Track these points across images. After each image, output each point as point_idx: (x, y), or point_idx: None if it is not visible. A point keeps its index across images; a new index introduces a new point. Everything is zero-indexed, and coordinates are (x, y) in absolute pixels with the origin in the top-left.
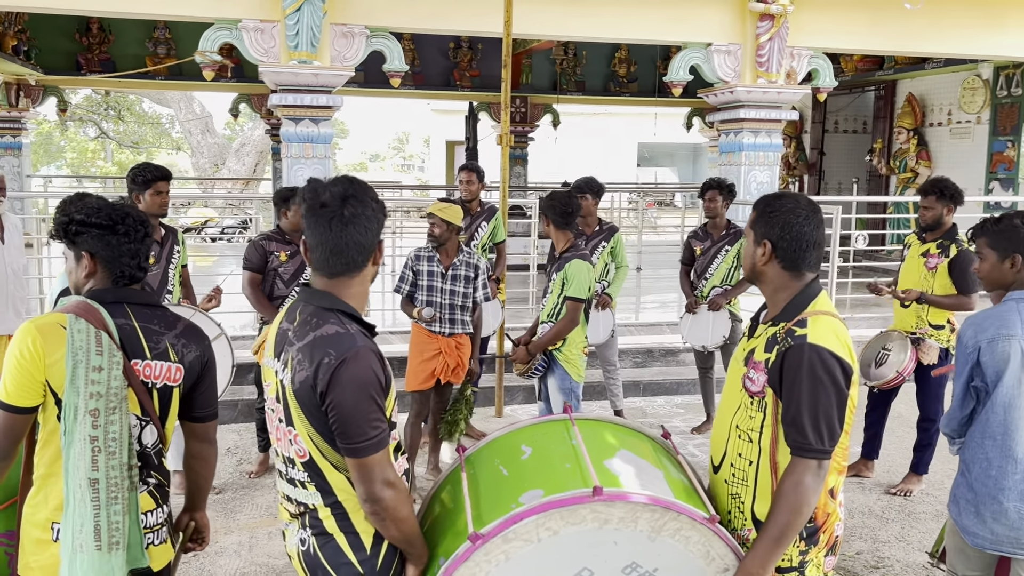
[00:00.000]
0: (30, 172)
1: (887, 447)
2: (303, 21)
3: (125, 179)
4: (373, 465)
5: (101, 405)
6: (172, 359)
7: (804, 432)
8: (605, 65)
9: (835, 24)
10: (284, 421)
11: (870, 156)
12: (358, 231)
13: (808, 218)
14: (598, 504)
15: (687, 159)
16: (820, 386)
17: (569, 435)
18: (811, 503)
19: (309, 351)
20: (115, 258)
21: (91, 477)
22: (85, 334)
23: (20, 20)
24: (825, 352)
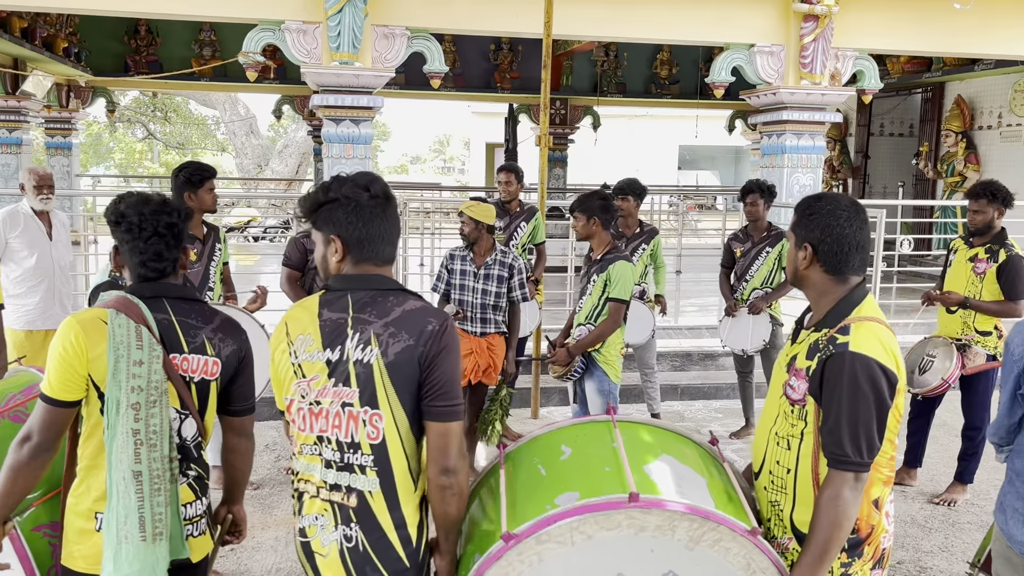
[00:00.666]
0: (79, 172)
1: (931, 455)
2: (345, 22)
3: (171, 179)
4: (455, 433)
5: (142, 399)
6: (209, 353)
7: (842, 444)
8: (646, 67)
9: (881, 25)
10: (360, 403)
11: (917, 159)
12: (393, 223)
13: (850, 219)
14: (634, 511)
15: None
16: (860, 396)
17: (610, 437)
18: (851, 516)
19: (404, 323)
20: (128, 253)
21: (134, 470)
22: (125, 329)
23: (71, 23)
24: (867, 360)
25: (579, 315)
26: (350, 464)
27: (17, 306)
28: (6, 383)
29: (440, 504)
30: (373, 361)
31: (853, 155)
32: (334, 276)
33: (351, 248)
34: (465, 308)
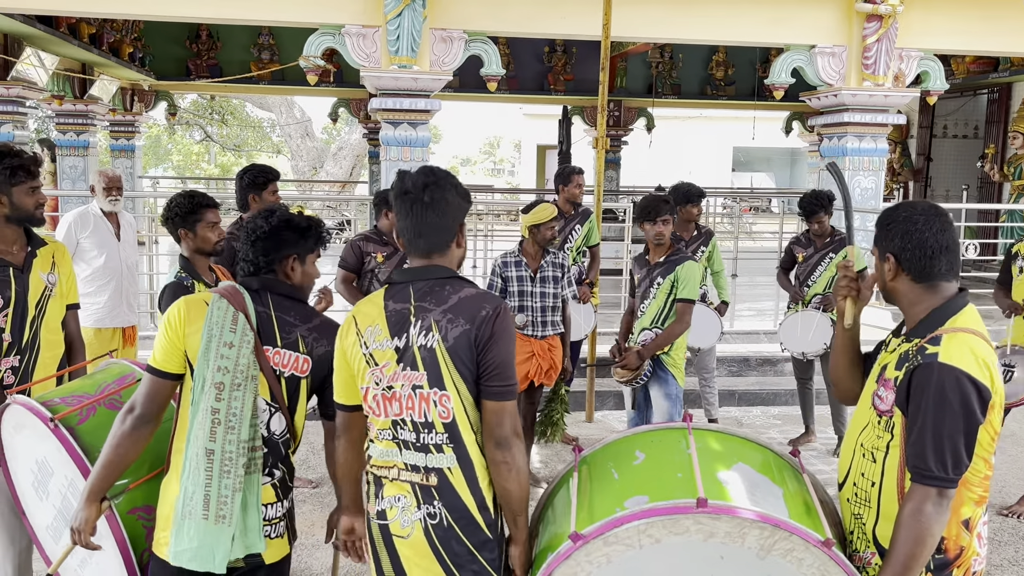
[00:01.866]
0: (141, 173)
1: (999, 467)
2: (404, 26)
3: (236, 181)
4: (510, 410)
5: (227, 380)
6: (301, 350)
7: (926, 458)
8: (702, 68)
9: (947, 24)
10: (428, 385)
11: (982, 162)
12: (437, 214)
13: (928, 223)
14: (702, 516)
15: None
16: (947, 410)
17: (685, 444)
18: (934, 532)
19: (461, 309)
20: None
21: (208, 448)
22: (224, 312)
23: (136, 28)
24: (957, 372)
25: (643, 319)
26: (426, 445)
27: (87, 304)
28: (102, 374)
29: (499, 479)
30: (435, 346)
31: (915, 157)
32: (395, 270)
33: (404, 242)
34: (526, 313)
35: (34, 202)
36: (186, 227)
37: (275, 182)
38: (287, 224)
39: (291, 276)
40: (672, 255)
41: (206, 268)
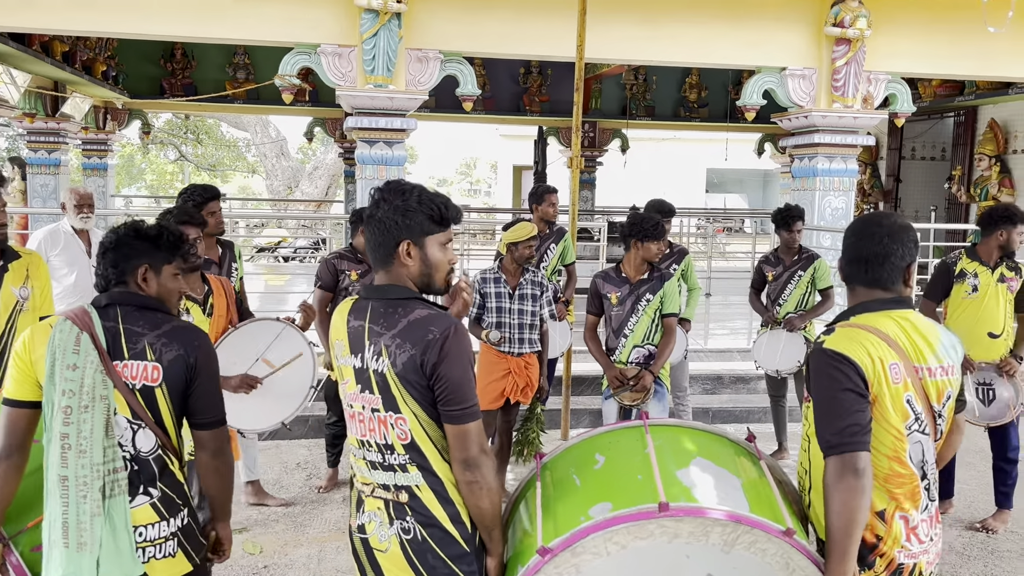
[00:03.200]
0: (113, 192)
1: (967, 481)
2: (379, 46)
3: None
4: (472, 431)
5: (73, 403)
6: (149, 358)
7: (822, 432)
8: (675, 90)
9: (914, 48)
10: (384, 408)
11: (949, 183)
12: (373, 230)
13: (853, 232)
14: (665, 520)
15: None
16: (827, 385)
17: (642, 444)
18: (849, 503)
19: (408, 334)
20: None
21: (60, 474)
22: (66, 334)
23: (110, 47)
24: (831, 352)
25: (632, 337)
26: (391, 464)
27: None
28: None
29: (470, 499)
30: (385, 371)
31: (884, 178)
32: (363, 286)
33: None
34: (503, 330)
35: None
36: None
37: (214, 201)
38: (136, 234)
39: (145, 288)
40: (657, 272)
41: (193, 281)
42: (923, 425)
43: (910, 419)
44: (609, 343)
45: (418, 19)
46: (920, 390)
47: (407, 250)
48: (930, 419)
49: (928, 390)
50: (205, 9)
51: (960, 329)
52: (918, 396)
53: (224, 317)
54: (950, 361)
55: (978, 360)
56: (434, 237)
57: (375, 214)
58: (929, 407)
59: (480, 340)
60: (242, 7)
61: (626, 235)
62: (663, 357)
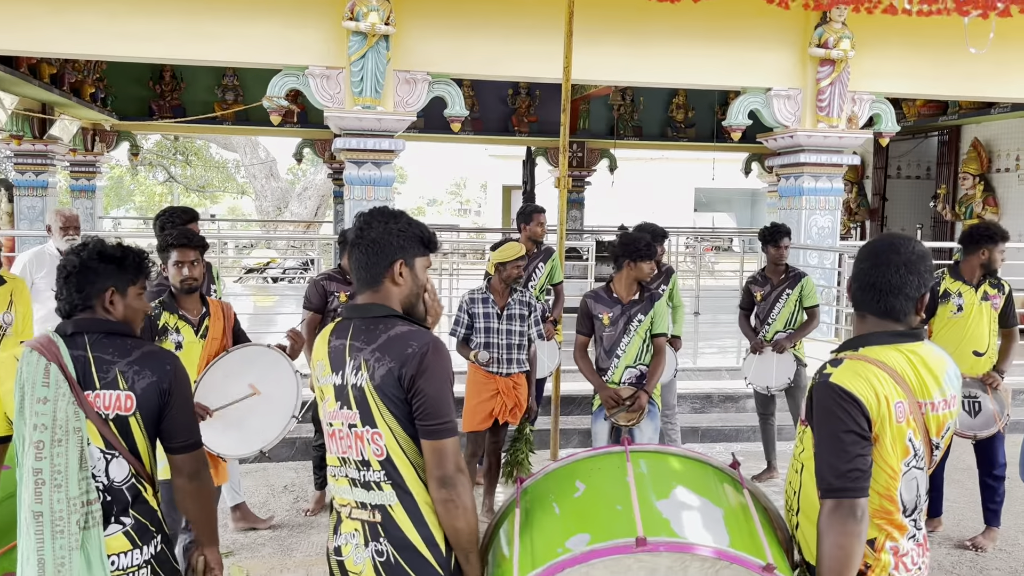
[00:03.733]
0: (101, 214)
1: (955, 499)
2: (367, 68)
3: (153, 226)
4: (449, 448)
5: (46, 437)
6: (121, 387)
7: (822, 472)
8: (662, 111)
9: (897, 69)
10: (361, 423)
11: (934, 202)
12: (363, 251)
13: (869, 257)
14: (642, 554)
15: (744, 204)
16: (830, 423)
17: (623, 471)
18: (843, 544)
19: (388, 348)
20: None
21: (34, 510)
22: (34, 366)
23: (99, 69)
24: (837, 389)
25: (625, 357)
26: (368, 481)
27: None
28: None
29: (446, 518)
30: (364, 384)
31: (870, 197)
32: (344, 306)
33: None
34: (491, 350)
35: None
36: (163, 262)
37: (193, 223)
38: (100, 255)
39: (111, 311)
40: (647, 292)
41: (191, 303)
42: (920, 460)
43: (909, 456)
44: (600, 363)
45: (406, 41)
46: (922, 425)
47: (400, 269)
48: (927, 452)
49: (929, 424)
50: (194, 32)
51: (945, 347)
52: (919, 432)
53: (219, 340)
54: (953, 392)
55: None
56: (421, 260)
57: (366, 235)
58: (928, 441)
59: (468, 361)
60: (231, 30)
61: (618, 255)
62: (655, 377)
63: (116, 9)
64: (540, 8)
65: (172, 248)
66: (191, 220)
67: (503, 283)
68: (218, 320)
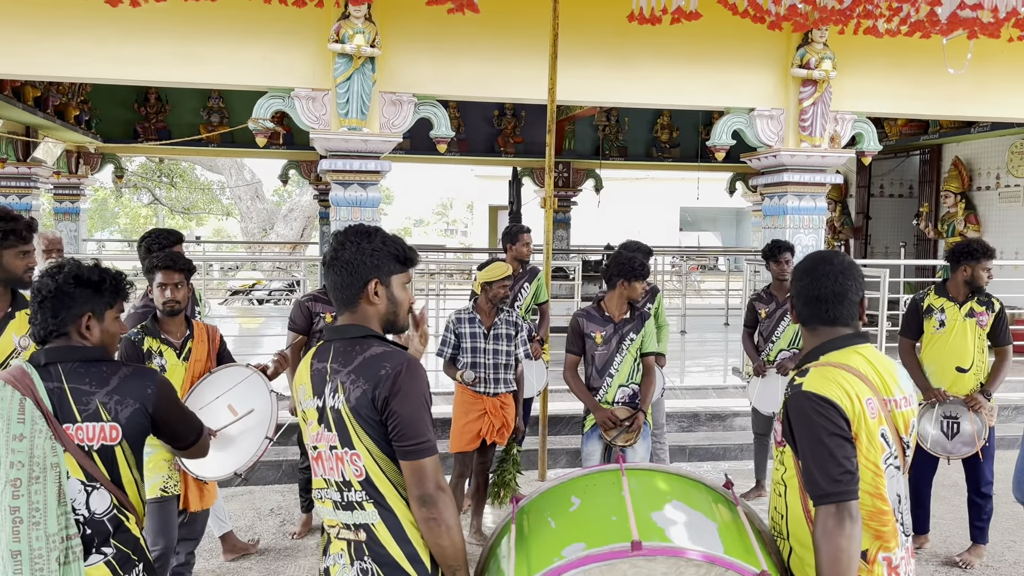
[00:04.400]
0: (85, 236)
1: (943, 516)
2: (353, 89)
3: (136, 247)
4: (428, 467)
5: (23, 474)
6: (104, 419)
7: (814, 479)
8: (647, 131)
9: (878, 89)
10: (340, 445)
11: (917, 220)
12: (337, 272)
13: (806, 273)
14: (638, 559)
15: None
16: (811, 430)
17: (618, 486)
18: (846, 548)
19: (363, 370)
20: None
21: (13, 549)
22: (8, 401)
23: (83, 91)
24: (813, 396)
25: (618, 377)
26: (350, 502)
27: None
28: None
29: (429, 536)
30: (341, 406)
31: (854, 215)
32: (326, 328)
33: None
34: (478, 370)
35: (23, 265)
36: (150, 285)
37: (177, 246)
38: (76, 280)
39: (88, 337)
40: (638, 311)
41: (175, 326)
42: (895, 458)
43: (885, 452)
44: (592, 383)
45: (392, 63)
46: (891, 423)
47: (375, 289)
48: (900, 451)
49: (897, 422)
50: (179, 54)
51: (931, 363)
52: (890, 429)
53: (203, 363)
54: (910, 390)
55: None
56: (398, 277)
57: (340, 256)
58: (899, 439)
59: (455, 381)
60: (216, 52)
61: (612, 275)
62: (649, 395)
63: (104, 33)
64: (525, 30)
65: (157, 270)
66: (176, 242)
67: (490, 303)
68: (202, 343)
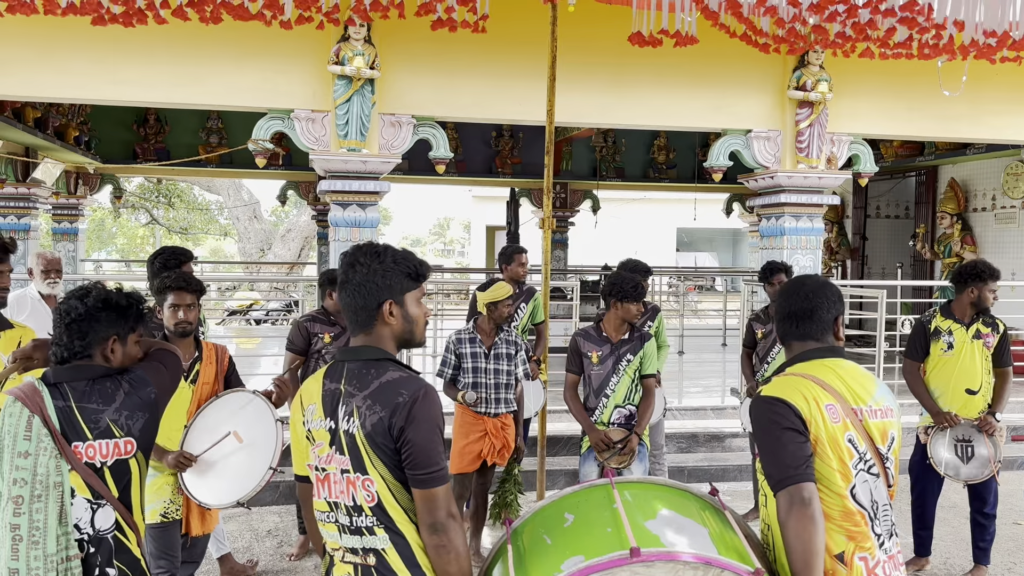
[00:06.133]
0: (83, 256)
1: (943, 538)
2: (353, 111)
3: (147, 265)
4: (440, 496)
5: (25, 492)
6: (118, 435)
7: (769, 472)
8: (644, 152)
9: (874, 111)
10: (353, 470)
11: (913, 241)
12: (351, 294)
13: (782, 294)
14: (637, 566)
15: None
16: (766, 427)
17: (610, 500)
18: (802, 533)
19: (379, 395)
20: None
21: (10, 567)
22: (16, 418)
23: (83, 112)
24: (767, 399)
25: (615, 397)
26: (359, 527)
27: None
28: None
29: (438, 563)
30: (355, 431)
31: (851, 236)
32: (339, 348)
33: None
34: (479, 390)
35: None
36: (159, 305)
37: (187, 264)
38: (105, 303)
39: (111, 359)
40: (637, 332)
41: (184, 347)
42: (869, 465)
43: (855, 458)
44: (589, 403)
45: (391, 85)
46: (862, 430)
47: (390, 310)
48: (877, 460)
49: (871, 431)
50: (179, 76)
51: (939, 385)
52: (860, 436)
53: (210, 386)
54: (888, 404)
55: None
56: (411, 294)
57: (352, 278)
58: (874, 448)
59: (456, 402)
60: (216, 74)
61: (606, 295)
62: (645, 418)
63: (104, 55)
64: (524, 52)
65: (169, 291)
66: (187, 261)
67: (493, 323)
68: (210, 365)
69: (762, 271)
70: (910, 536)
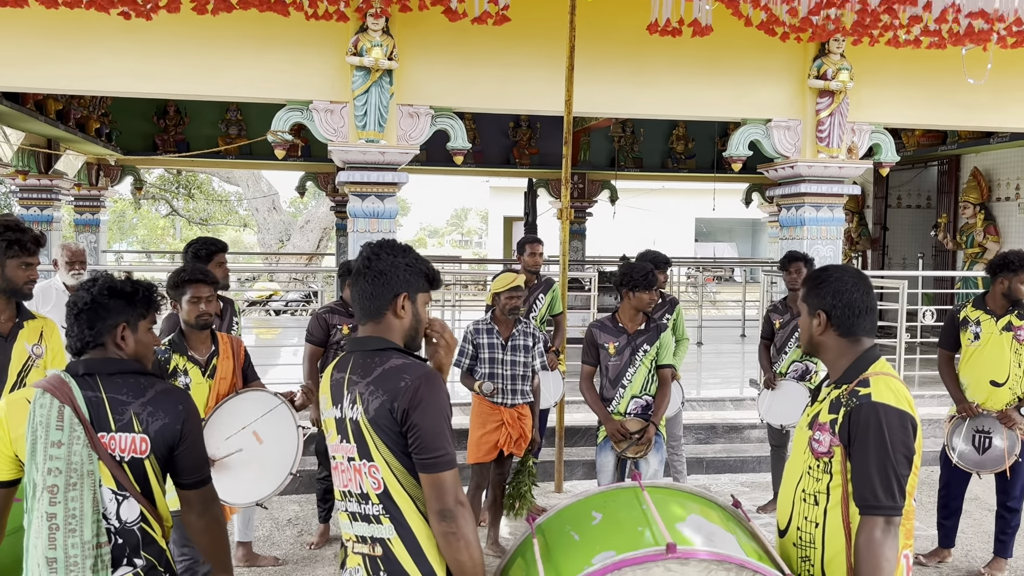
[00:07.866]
0: (105, 248)
1: (964, 530)
2: (371, 102)
3: (182, 255)
4: (447, 481)
5: (60, 481)
6: (136, 430)
7: (874, 490)
8: (663, 142)
9: (896, 99)
10: (359, 457)
11: (935, 231)
12: (368, 282)
13: (856, 285)
14: (671, 562)
15: (745, 234)
16: (886, 443)
17: (639, 501)
18: (889, 558)
19: (381, 381)
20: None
21: (48, 556)
22: (47, 409)
23: (104, 104)
24: (890, 408)
25: (631, 388)
26: (367, 515)
27: None
28: None
29: (448, 551)
30: (359, 418)
31: (871, 227)
32: (347, 339)
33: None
34: (496, 381)
35: (25, 277)
36: (175, 300)
37: (221, 254)
38: (111, 291)
39: (123, 347)
40: (653, 323)
41: (201, 341)
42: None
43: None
44: (605, 393)
45: (409, 76)
46: None
47: (403, 303)
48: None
49: None
50: (199, 68)
51: (967, 376)
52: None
53: (228, 380)
54: None
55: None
56: (423, 296)
57: (372, 265)
58: None
59: (473, 392)
60: (236, 66)
61: (618, 284)
62: (662, 409)
63: (125, 47)
64: (541, 42)
65: (187, 284)
66: (219, 251)
67: (503, 313)
68: (227, 359)
69: (782, 260)
70: (933, 528)
